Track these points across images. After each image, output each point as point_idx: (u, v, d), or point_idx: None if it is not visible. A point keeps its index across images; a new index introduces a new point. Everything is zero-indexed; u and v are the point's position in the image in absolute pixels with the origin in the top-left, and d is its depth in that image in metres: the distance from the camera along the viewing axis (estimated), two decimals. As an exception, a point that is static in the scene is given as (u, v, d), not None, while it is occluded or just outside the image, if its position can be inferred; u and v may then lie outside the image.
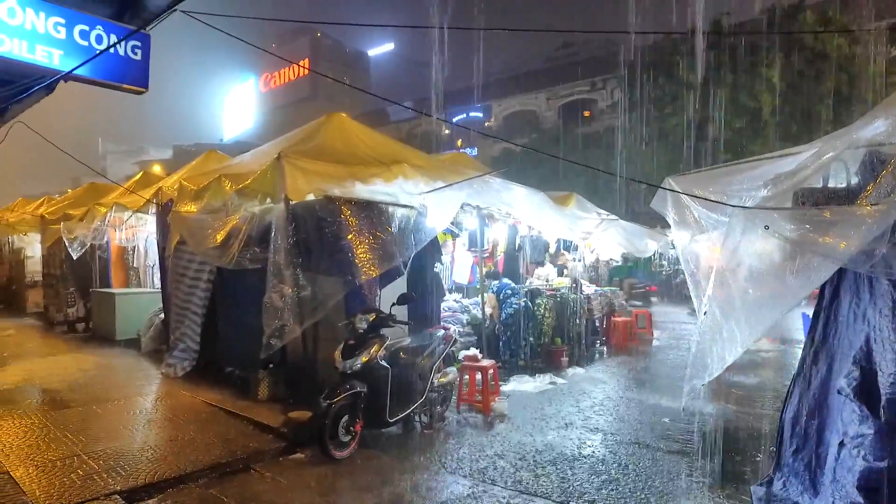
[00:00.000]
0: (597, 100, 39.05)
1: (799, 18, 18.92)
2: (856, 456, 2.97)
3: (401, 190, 6.19)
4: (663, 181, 4.74)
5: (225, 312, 7.18)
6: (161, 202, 8.30)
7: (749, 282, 3.72)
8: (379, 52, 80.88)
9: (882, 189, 2.82)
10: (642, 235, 11.47)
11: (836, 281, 3.51)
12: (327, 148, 6.45)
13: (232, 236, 6.33)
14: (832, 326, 3.58)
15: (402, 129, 41.71)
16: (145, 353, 8.73)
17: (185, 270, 7.60)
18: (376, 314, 5.14)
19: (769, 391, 6.98)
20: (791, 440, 3.80)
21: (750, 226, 3.61)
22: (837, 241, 2.99)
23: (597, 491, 4.18)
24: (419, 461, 4.80)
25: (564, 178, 20.26)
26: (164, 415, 5.76)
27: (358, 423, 4.87)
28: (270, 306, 5.48)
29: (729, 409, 6.23)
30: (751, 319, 3.78)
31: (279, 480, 4.35)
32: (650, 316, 11.82)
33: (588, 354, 9.29)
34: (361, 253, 5.58)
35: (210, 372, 7.23)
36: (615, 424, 5.81)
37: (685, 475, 4.47)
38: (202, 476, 4.33)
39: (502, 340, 8.09)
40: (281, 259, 5.55)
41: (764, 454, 4.81)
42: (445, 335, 5.99)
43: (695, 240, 4.80)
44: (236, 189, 6.30)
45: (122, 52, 4.86)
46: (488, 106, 44.45)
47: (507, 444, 5.17)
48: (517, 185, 7.54)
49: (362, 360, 4.87)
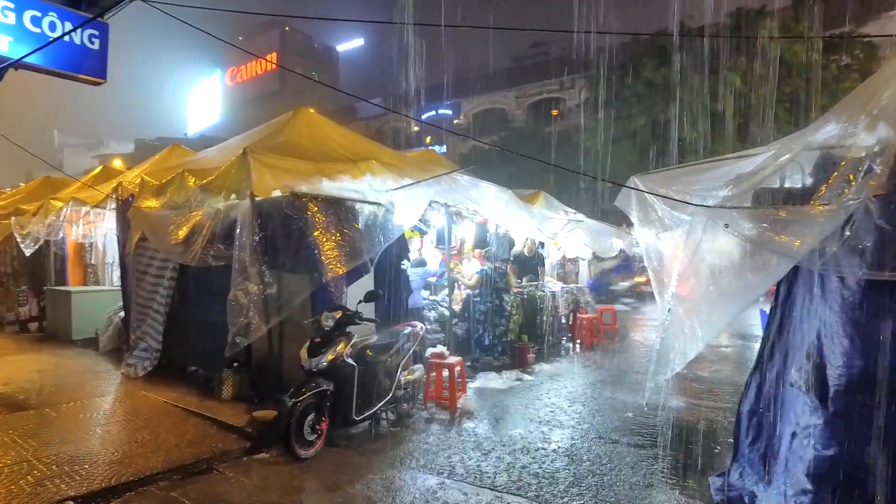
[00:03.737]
0: (565, 99, 39.48)
1: (760, 25, 19.54)
2: (806, 445, 3.09)
3: (369, 187, 6.15)
4: (629, 180, 4.82)
5: (188, 310, 7.02)
6: (121, 197, 8.06)
7: (710, 279, 3.82)
8: (348, 47, 79.97)
9: (833, 190, 2.93)
10: (608, 234, 11.66)
11: (791, 278, 3.63)
12: (294, 144, 6.37)
13: (195, 233, 6.20)
14: (787, 322, 3.71)
15: (371, 126, 41.43)
16: (104, 352, 8.46)
17: (146, 268, 7.41)
18: (343, 312, 5.10)
19: (728, 385, 7.18)
20: (747, 432, 3.93)
21: (711, 224, 3.70)
22: (792, 240, 3.09)
23: (562, 485, 4.24)
24: (386, 459, 4.79)
25: (533, 175, 20.42)
26: (124, 416, 5.60)
27: (324, 421, 4.83)
28: (235, 304, 5.38)
29: (690, 403, 6.39)
30: (711, 316, 3.89)
31: (243, 481, 4.27)
32: (615, 312, 12.02)
33: (554, 351, 9.40)
34: (328, 250, 5.53)
35: (172, 371, 7.07)
36: (580, 419, 5.89)
37: (647, 468, 4.57)
38: (163, 478, 4.22)
39: (475, 336, 8.12)
40: (246, 256, 5.46)
41: (723, 446, 4.95)
42: (412, 332, 5.98)
43: (658, 237, 4.90)
44: (200, 185, 6.16)
45: (78, 40, 4.69)
46: (458, 103, 44.48)
47: (473, 441, 5.20)
48: (485, 182, 7.57)
49: (328, 359, 4.83)
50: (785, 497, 3.19)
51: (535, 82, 41.32)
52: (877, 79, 3.28)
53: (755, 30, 19.49)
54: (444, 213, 7.74)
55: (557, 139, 28.25)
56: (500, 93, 43.29)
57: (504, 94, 43.13)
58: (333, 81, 60.84)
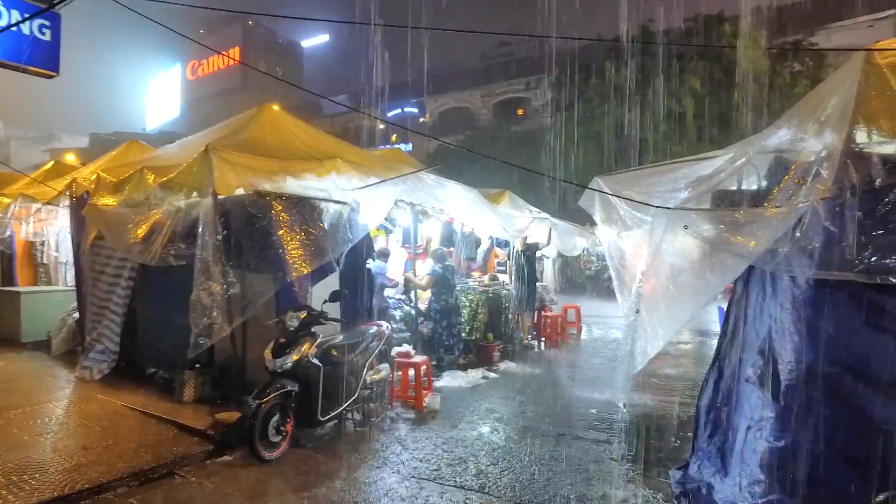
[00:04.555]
0: (531, 98, 39.91)
1: (718, 31, 20.19)
2: (759, 438, 3.21)
3: (334, 185, 6.10)
4: (592, 180, 4.91)
5: (148, 311, 6.83)
6: (76, 194, 7.76)
7: (670, 278, 3.93)
8: (313, 43, 78.78)
9: (785, 193, 3.05)
10: (572, 233, 11.84)
11: (746, 277, 3.76)
12: (258, 141, 6.25)
13: (155, 231, 6.04)
14: (742, 319, 3.84)
15: (336, 123, 40.97)
16: (57, 355, 8.12)
17: (103, 267, 7.17)
18: (308, 312, 5.05)
19: (688, 381, 7.40)
20: (705, 426, 4.06)
21: (671, 225, 3.80)
22: (748, 241, 3.20)
23: (526, 482, 4.30)
24: (352, 459, 4.76)
25: (498, 175, 20.59)
26: (79, 421, 5.40)
27: (289, 422, 4.78)
28: (198, 304, 5.27)
29: (652, 399, 6.56)
30: (672, 314, 4.00)
31: (205, 485, 4.18)
32: (579, 310, 12.22)
33: (519, 349, 9.50)
34: (292, 249, 5.47)
35: (131, 374, 6.84)
36: (544, 416, 5.98)
37: (610, 462, 4.67)
38: (121, 485, 4.10)
39: (436, 336, 8.12)
40: (209, 255, 5.34)
41: (682, 440, 5.10)
42: (378, 332, 5.96)
43: (620, 237, 5.01)
44: (160, 182, 6.00)
45: (27, 31, 4.48)
46: (424, 102, 44.44)
47: (439, 440, 5.22)
48: (451, 181, 7.59)
49: (293, 359, 4.78)
50: (739, 487, 3.31)
51: (501, 82, 41.64)
52: (824, 87, 3.43)
53: (713, 36, 20.12)
54: (410, 212, 7.73)
55: (523, 139, 28.56)
56: (467, 92, 43.48)
57: (470, 93, 43.34)
58: (298, 78, 59.91)
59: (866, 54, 3.00)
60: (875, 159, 2.81)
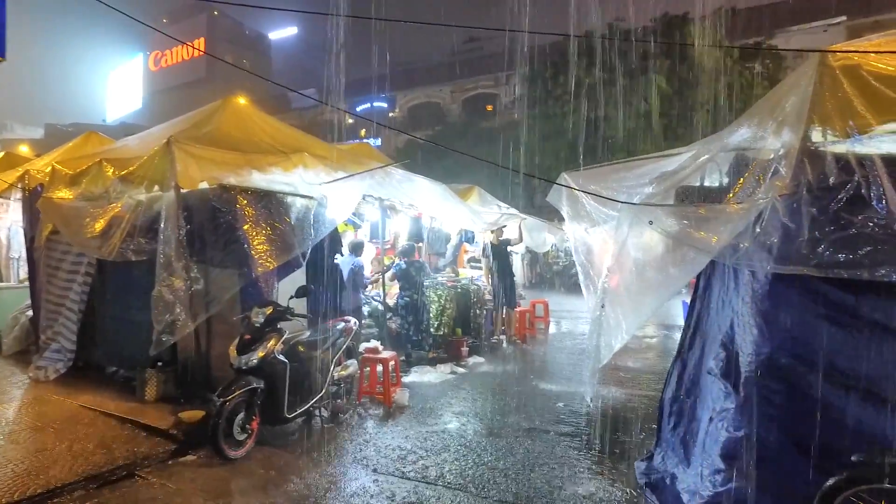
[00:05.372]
0: (500, 94, 40.06)
1: (683, 31, 20.65)
2: (720, 428, 3.30)
3: (301, 180, 6.02)
4: (559, 176, 4.96)
5: (107, 308, 6.60)
6: (29, 187, 7.45)
7: (635, 273, 4.00)
8: (281, 35, 77.33)
9: (746, 189, 3.13)
10: (540, 229, 11.95)
11: (709, 271, 3.86)
12: (223, 134, 6.11)
13: (114, 226, 5.84)
14: (705, 313, 3.94)
15: (304, 117, 40.33)
16: (8, 355, 7.79)
17: (59, 263, 6.89)
18: (273, 307, 4.97)
19: (654, 374, 7.55)
20: (669, 418, 4.15)
21: (636, 221, 3.87)
22: (710, 236, 3.28)
23: (494, 475, 4.31)
24: (319, 456, 4.71)
25: (468, 171, 20.61)
26: (32, 423, 5.18)
27: (254, 420, 4.70)
28: (160, 300, 5.13)
29: (618, 392, 6.68)
30: (636, 308, 4.08)
31: (167, 485, 4.08)
32: (547, 305, 12.35)
33: (488, 344, 9.55)
34: (258, 244, 5.38)
35: (90, 373, 6.60)
36: (513, 410, 6.02)
37: (577, 455, 4.73)
38: (77, 488, 3.95)
39: (403, 332, 8.10)
40: (171, 251, 5.20)
41: (648, 432, 5.21)
42: (346, 328, 5.91)
43: (587, 232, 5.08)
44: (120, 175, 5.80)
45: (-30, 14, 4.24)
46: (393, 96, 44.17)
47: (408, 435, 5.20)
48: (420, 176, 7.56)
49: (259, 356, 4.69)
50: (701, 477, 3.40)
51: (470, 77, 41.67)
52: (782, 88, 3.53)
53: (678, 37, 20.56)
54: (378, 206, 7.67)
55: (492, 135, 28.65)
56: (436, 87, 43.37)
57: (439, 88, 43.24)
58: (265, 70, 58.75)
59: (821, 56, 3.09)
60: (829, 158, 2.91)
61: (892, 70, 2.93)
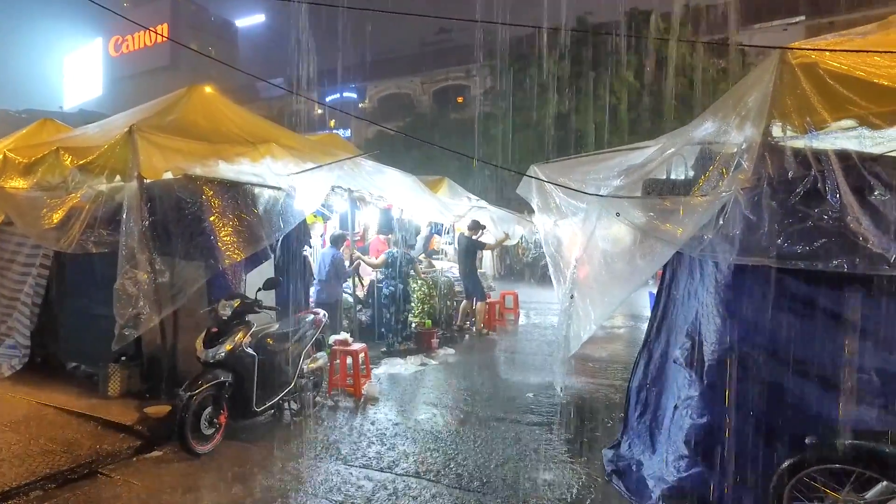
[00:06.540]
0: (470, 86, 40.00)
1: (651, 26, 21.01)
2: (685, 416, 3.39)
3: (268, 170, 5.92)
4: (529, 168, 5.00)
5: (65, 302, 6.40)
6: (-23, 176, 7.12)
7: (603, 264, 4.07)
8: (248, 22, 75.44)
9: (710, 182, 3.21)
10: (510, 221, 12.02)
11: (675, 263, 3.94)
12: (188, 123, 5.94)
13: (73, 217, 5.63)
14: (671, 303, 4.04)
15: (272, 107, 39.48)
16: (-41, 351, 7.48)
17: (13, 256, 6.64)
18: (241, 300, 4.89)
19: (621, 363, 7.69)
20: (636, 406, 4.25)
21: (604, 213, 3.93)
22: (676, 228, 3.36)
23: (464, 466, 4.35)
24: (289, 449, 4.67)
25: (438, 162, 20.59)
26: (-15, 421, 5.00)
27: (222, 414, 4.63)
28: (123, 293, 4.97)
29: (586, 382, 6.79)
30: (604, 298, 4.15)
31: (132, 483, 3.99)
32: (517, 296, 12.45)
33: (458, 335, 9.60)
34: (225, 236, 5.27)
35: (48, 369, 6.38)
36: (483, 401, 6.07)
37: (546, 445, 4.80)
38: (35, 488, 3.83)
39: (384, 321, 8.09)
40: (134, 242, 5.05)
41: (615, 421, 5.31)
42: (315, 320, 5.86)
43: (556, 224, 5.13)
44: (79, 164, 5.58)
45: None
46: (363, 87, 43.68)
47: (377, 427, 5.20)
48: (389, 168, 7.52)
49: (226, 349, 4.62)
50: (666, 463, 3.49)
51: (440, 69, 41.48)
52: (745, 83, 3.62)
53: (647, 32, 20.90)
54: (348, 198, 7.60)
55: (462, 126, 28.65)
56: (406, 78, 43.04)
57: (410, 79, 42.93)
58: (232, 58, 57.26)
59: (781, 54, 3.18)
60: (788, 152, 3.00)
61: (846, 69, 3.03)
